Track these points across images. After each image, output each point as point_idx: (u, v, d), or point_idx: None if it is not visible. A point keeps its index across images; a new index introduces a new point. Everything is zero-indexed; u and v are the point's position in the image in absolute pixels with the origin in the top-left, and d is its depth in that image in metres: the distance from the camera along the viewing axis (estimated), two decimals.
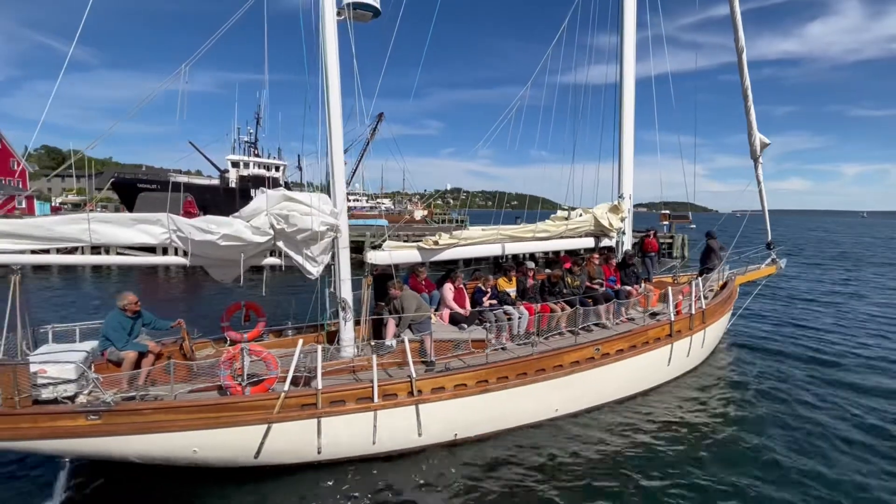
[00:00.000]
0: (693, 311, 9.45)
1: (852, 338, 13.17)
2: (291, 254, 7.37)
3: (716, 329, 10.70)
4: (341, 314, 7.79)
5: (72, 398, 5.74)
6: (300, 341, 6.44)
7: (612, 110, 11.23)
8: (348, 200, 9.56)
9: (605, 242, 10.83)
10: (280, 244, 7.28)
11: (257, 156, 51.89)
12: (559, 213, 10.51)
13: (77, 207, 58.49)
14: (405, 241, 8.91)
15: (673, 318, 9.04)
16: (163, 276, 26.19)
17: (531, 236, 9.60)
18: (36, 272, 25.89)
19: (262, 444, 6.06)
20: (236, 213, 7.19)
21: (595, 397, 8.28)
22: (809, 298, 19.17)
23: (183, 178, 49.40)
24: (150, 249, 9.61)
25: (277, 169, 52.05)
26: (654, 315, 9.46)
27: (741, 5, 12.06)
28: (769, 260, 13.21)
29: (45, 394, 5.63)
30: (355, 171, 53.35)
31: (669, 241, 33.00)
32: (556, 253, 11.06)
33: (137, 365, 6.43)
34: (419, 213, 54.42)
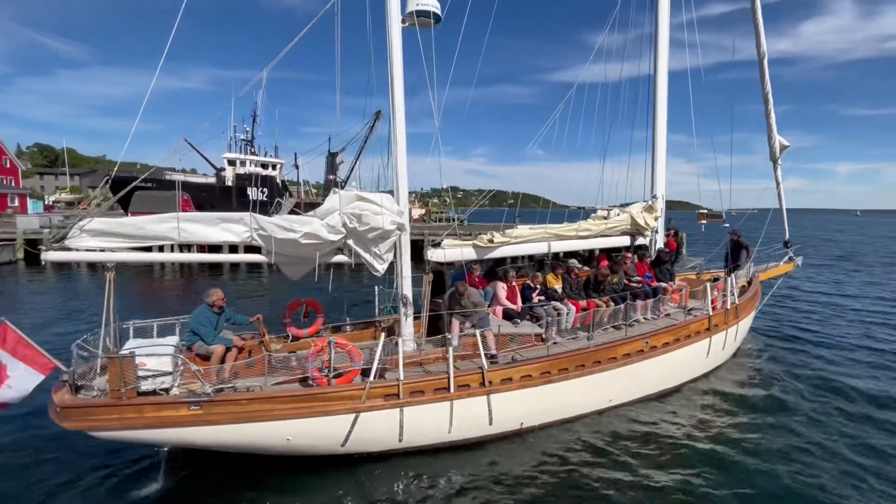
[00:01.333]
0: (728, 307, 9.93)
1: (850, 329, 14.06)
2: (360, 251, 7.65)
3: (746, 323, 11.21)
4: (402, 310, 8.09)
5: (167, 390, 5.99)
6: (382, 335, 6.73)
7: (646, 110, 11.67)
8: None
9: (640, 241, 11.27)
10: (350, 242, 7.56)
11: (254, 154, 51.58)
12: (599, 212, 10.92)
13: (70, 206, 57.69)
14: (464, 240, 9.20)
15: (711, 313, 9.50)
16: (158, 274, 26.26)
17: (574, 235, 9.99)
18: (30, 269, 25.86)
19: (349, 432, 6.36)
20: (311, 213, 7.46)
21: (644, 388, 8.70)
22: (813, 294, 19.94)
23: (179, 177, 48.94)
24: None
25: (274, 167, 51.81)
26: (690, 311, 9.90)
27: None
28: (786, 258, 13.76)
29: (145, 386, 5.87)
30: (353, 168, 53.37)
31: None
32: (591, 251, 11.44)
33: (223, 359, 6.68)
34: (417, 212, 54.67)
